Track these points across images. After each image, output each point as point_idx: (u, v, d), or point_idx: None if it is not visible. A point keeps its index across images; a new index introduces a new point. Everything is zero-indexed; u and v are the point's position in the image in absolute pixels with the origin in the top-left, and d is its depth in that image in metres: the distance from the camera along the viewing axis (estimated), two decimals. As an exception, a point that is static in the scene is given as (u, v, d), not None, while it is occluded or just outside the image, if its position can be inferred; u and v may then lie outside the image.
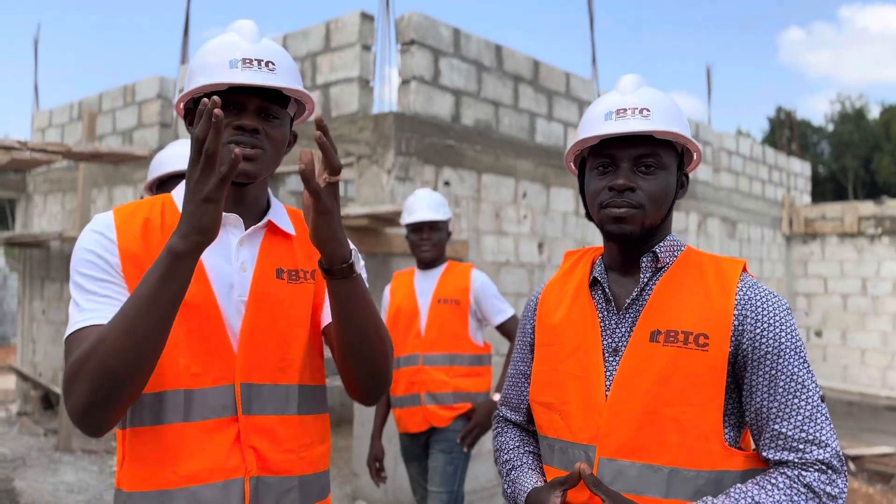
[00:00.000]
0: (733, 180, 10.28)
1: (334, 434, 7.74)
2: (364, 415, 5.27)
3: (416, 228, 3.30)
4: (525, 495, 1.43)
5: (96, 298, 1.24)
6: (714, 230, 9.59)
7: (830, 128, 39.61)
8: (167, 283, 1.13)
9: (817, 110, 71.73)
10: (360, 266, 1.38)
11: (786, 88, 75.28)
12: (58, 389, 7.60)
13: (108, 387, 1.13)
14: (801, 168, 12.54)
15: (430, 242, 3.28)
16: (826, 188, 36.00)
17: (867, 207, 11.12)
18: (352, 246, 1.31)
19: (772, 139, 33.47)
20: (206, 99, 1.08)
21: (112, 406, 1.15)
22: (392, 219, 4.86)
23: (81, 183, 6.21)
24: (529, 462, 1.52)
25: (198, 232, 1.12)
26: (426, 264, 3.34)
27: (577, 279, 1.50)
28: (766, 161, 11.35)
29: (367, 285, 1.49)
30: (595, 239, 7.20)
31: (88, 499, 5.23)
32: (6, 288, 16.72)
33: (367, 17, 5.78)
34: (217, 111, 1.05)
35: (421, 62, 5.63)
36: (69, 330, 1.23)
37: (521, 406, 1.59)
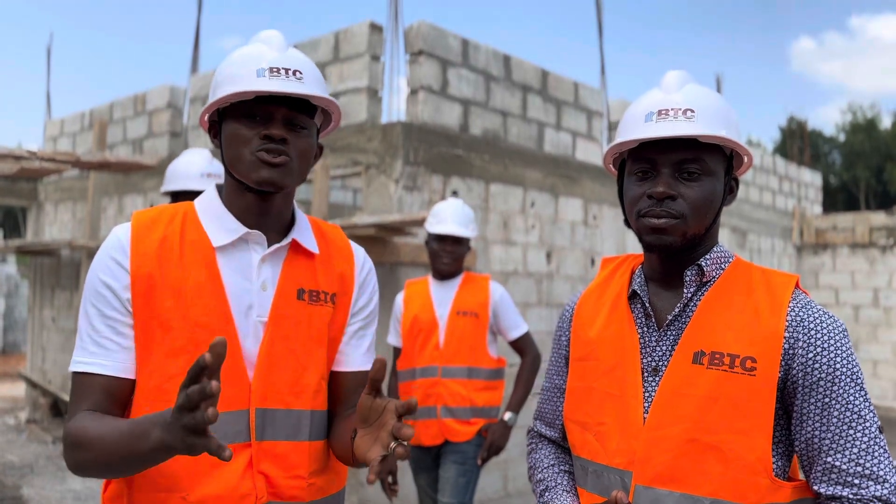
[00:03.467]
0: (743, 190, 10.23)
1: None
2: (371, 424, 5.25)
3: (440, 239, 3.27)
4: None
5: (100, 339, 1.25)
6: (724, 240, 9.53)
7: (842, 137, 39.42)
8: (146, 460, 1.11)
9: (829, 120, 71.37)
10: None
11: (798, 98, 75.00)
12: (67, 397, 7.62)
13: (88, 475, 1.23)
14: (811, 178, 12.47)
15: (451, 256, 3.25)
16: (837, 198, 35.78)
17: (879, 218, 11.03)
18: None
19: (783, 149, 33.33)
20: (215, 352, 0.94)
21: (99, 477, 1.24)
22: (400, 228, 4.86)
23: (91, 192, 6.25)
24: (564, 483, 1.43)
25: (180, 451, 1.03)
26: (442, 275, 3.32)
27: (616, 290, 1.41)
28: (777, 171, 11.29)
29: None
30: (604, 249, 7.17)
31: (95, 507, 5.23)
32: (17, 296, 16.81)
33: (375, 28, 5.80)
34: (213, 384, 0.94)
35: (429, 72, 5.64)
36: (74, 364, 1.26)
37: (557, 422, 1.51)
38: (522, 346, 3.31)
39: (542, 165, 6.53)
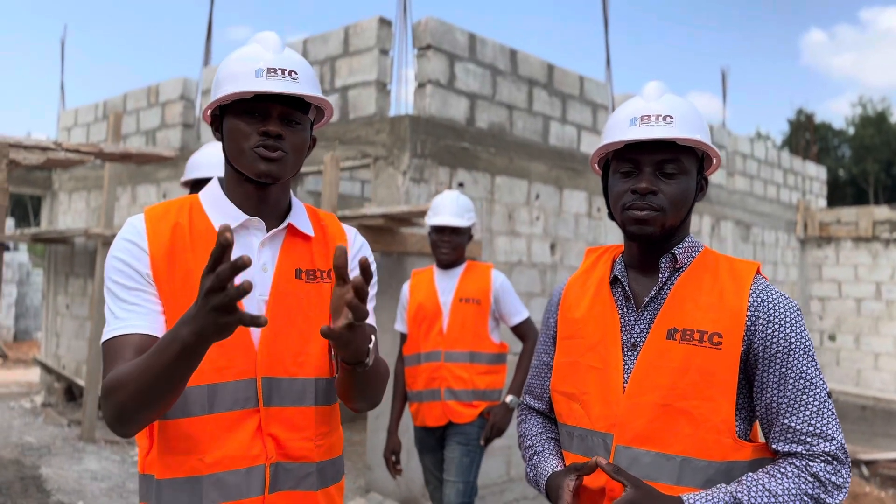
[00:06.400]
0: (748, 183, 10.31)
1: (349, 428, 7.91)
2: (378, 408, 5.41)
3: (439, 230, 3.42)
4: (545, 479, 1.52)
5: (128, 307, 1.34)
6: (728, 233, 9.63)
7: (851, 131, 39.26)
8: (180, 364, 1.16)
9: (840, 113, 70.92)
10: (374, 354, 1.40)
11: (808, 91, 74.66)
12: (81, 382, 7.81)
13: (128, 417, 1.25)
14: (816, 172, 12.52)
15: (449, 245, 3.40)
16: (846, 192, 35.68)
17: (882, 212, 11.10)
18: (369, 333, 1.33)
19: (792, 142, 33.25)
20: (226, 235, 1.04)
21: (135, 425, 1.27)
22: (407, 219, 4.99)
23: (107, 181, 6.41)
24: (551, 448, 1.61)
25: (207, 339, 1.12)
26: (445, 264, 3.47)
27: (598, 276, 1.57)
28: (782, 165, 11.35)
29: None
30: (607, 240, 7.29)
31: (111, 486, 5.41)
32: (29, 283, 17.04)
33: (384, 23, 5.92)
34: (244, 256, 1.03)
35: (437, 66, 5.76)
36: (106, 335, 1.34)
37: (544, 395, 1.66)
38: (523, 331, 3.45)
39: (547, 158, 6.65)
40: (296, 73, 1.40)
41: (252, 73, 1.38)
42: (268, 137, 1.38)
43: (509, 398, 3.37)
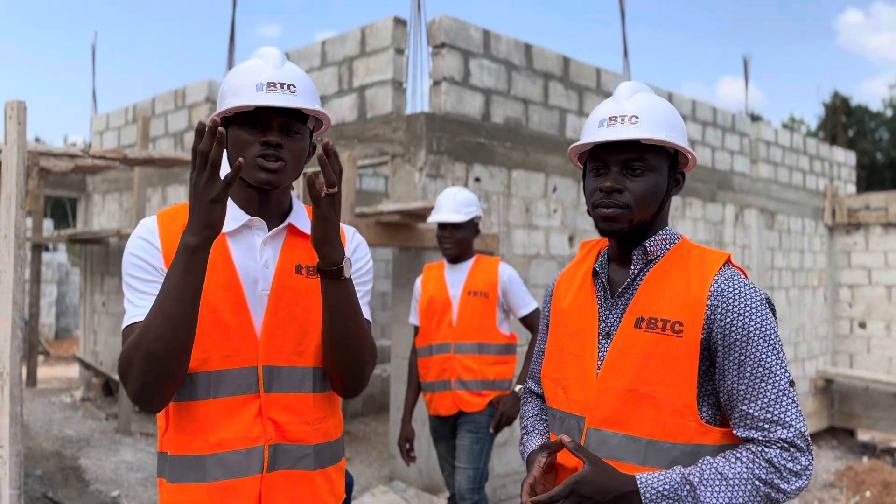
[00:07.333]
0: (772, 171, 10.21)
1: (375, 419, 8.08)
2: (400, 399, 5.55)
3: (441, 226, 3.57)
4: (527, 455, 1.65)
5: (145, 296, 1.46)
6: (752, 221, 9.56)
7: (889, 113, 38.26)
8: (187, 275, 1.35)
9: (878, 95, 68.84)
10: (351, 271, 1.56)
11: (845, 73, 72.65)
12: (117, 377, 8.07)
13: (156, 367, 1.35)
14: (844, 157, 12.32)
15: (451, 241, 3.53)
16: (885, 176, 34.83)
17: (913, 196, 10.90)
18: (347, 254, 1.50)
19: (827, 126, 32.57)
20: (214, 119, 1.28)
21: (162, 383, 1.38)
22: (423, 214, 5.11)
23: (137, 184, 6.64)
24: (540, 428, 1.74)
25: (207, 227, 1.34)
26: (451, 259, 3.60)
27: (585, 268, 1.66)
28: (808, 151, 11.20)
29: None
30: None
31: (146, 476, 5.64)
32: (68, 283, 17.56)
33: (399, 22, 6.03)
34: (220, 129, 1.29)
35: (451, 64, 5.86)
36: (125, 323, 1.46)
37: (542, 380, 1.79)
38: (532, 322, 3.56)
39: (563, 151, 6.70)
40: (294, 87, 1.51)
41: (253, 87, 1.49)
42: (268, 147, 1.49)
43: (518, 387, 3.48)
